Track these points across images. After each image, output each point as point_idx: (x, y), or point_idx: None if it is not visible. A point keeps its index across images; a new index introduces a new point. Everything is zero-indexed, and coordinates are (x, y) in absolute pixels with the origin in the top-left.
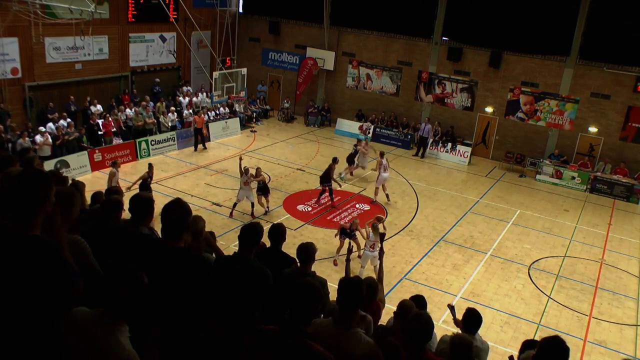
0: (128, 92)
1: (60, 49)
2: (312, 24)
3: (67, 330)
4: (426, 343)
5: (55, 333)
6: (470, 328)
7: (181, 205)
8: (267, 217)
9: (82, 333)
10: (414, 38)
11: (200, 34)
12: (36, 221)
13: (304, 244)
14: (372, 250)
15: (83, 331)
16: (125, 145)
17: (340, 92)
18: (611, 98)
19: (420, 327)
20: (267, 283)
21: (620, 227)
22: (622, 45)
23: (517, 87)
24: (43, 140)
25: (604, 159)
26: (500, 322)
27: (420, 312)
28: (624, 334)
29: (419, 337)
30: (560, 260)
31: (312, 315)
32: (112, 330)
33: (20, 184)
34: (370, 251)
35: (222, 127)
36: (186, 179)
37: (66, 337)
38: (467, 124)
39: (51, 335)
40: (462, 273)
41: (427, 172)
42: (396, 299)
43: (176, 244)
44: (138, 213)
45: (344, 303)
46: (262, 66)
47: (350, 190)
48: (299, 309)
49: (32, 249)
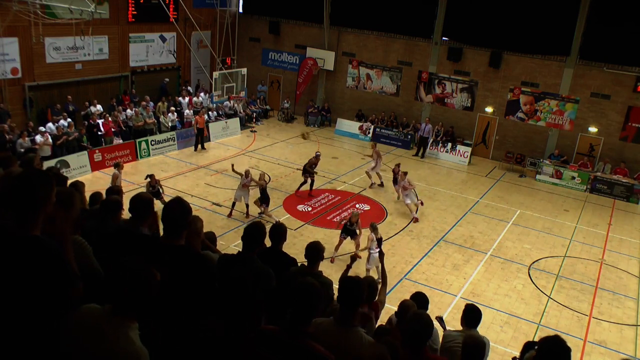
0: (129, 92)
1: (60, 49)
2: (312, 24)
3: (75, 327)
4: (426, 342)
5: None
6: (470, 323)
7: (181, 203)
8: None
9: (91, 329)
10: (414, 38)
11: (200, 34)
12: (36, 221)
13: (312, 243)
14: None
15: (92, 327)
16: (125, 145)
17: (340, 92)
18: (611, 98)
19: (419, 326)
20: (270, 283)
21: (620, 227)
22: (622, 45)
23: (517, 87)
24: (43, 140)
25: (603, 159)
26: (500, 322)
27: (419, 311)
28: (624, 334)
29: (418, 337)
30: (560, 260)
31: (313, 315)
32: (122, 326)
33: (20, 184)
34: (375, 252)
35: (222, 127)
36: (186, 179)
37: (75, 333)
38: (467, 124)
39: (51, 335)
40: (462, 273)
41: (427, 172)
42: (396, 299)
43: (177, 242)
44: (138, 213)
45: (344, 301)
46: (262, 66)
47: (350, 190)
48: (299, 309)
49: (32, 249)
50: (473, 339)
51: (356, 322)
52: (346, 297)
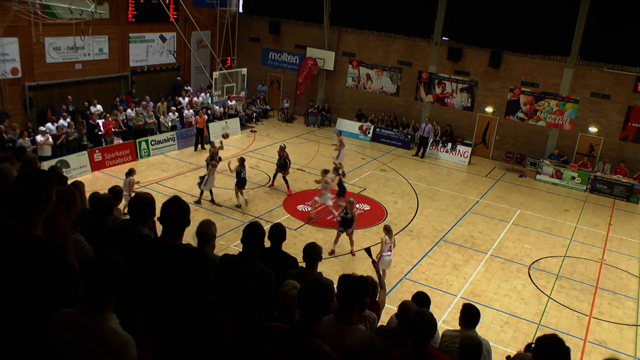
0: (134, 91)
1: (60, 49)
2: (312, 24)
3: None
4: (430, 340)
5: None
6: (468, 324)
7: (179, 203)
8: (267, 216)
9: (74, 331)
10: (414, 38)
11: (200, 34)
12: (38, 221)
13: (309, 244)
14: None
15: (74, 329)
16: (125, 145)
17: (340, 92)
18: (611, 98)
19: (422, 325)
20: (270, 284)
21: (620, 227)
22: (622, 45)
23: (517, 87)
24: (43, 140)
25: (603, 158)
26: (500, 322)
27: (422, 310)
28: (624, 334)
29: (421, 336)
30: (560, 260)
31: (323, 315)
32: (102, 319)
33: (24, 184)
34: (388, 255)
35: (222, 127)
36: (186, 179)
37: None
38: (467, 124)
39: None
40: (462, 273)
41: (427, 172)
42: (396, 299)
43: (175, 242)
44: (137, 214)
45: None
46: (262, 66)
47: (350, 191)
48: (311, 308)
49: (34, 249)
50: (470, 339)
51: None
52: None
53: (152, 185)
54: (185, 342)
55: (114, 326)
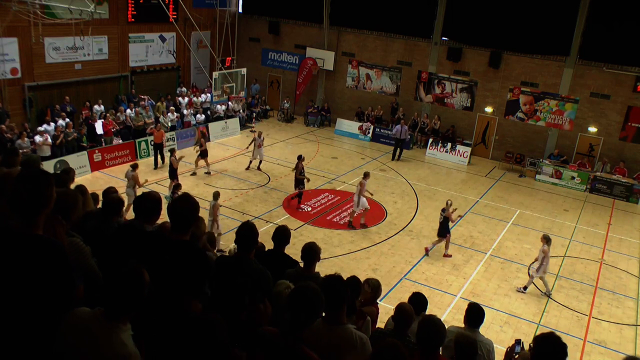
0: (133, 92)
1: (60, 49)
2: (312, 24)
3: (68, 331)
4: (438, 348)
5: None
6: (472, 323)
7: (189, 200)
8: (266, 216)
9: (84, 333)
10: (414, 38)
11: (200, 34)
12: (39, 221)
13: (307, 244)
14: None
15: (84, 331)
16: (125, 145)
17: (340, 92)
18: (611, 98)
19: (431, 331)
20: (267, 284)
21: (620, 227)
22: (622, 45)
23: (517, 87)
24: (43, 140)
25: (603, 158)
26: (500, 322)
27: (431, 316)
28: (623, 333)
29: (431, 341)
30: (560, 260)
31: (312, 321)
32: (114, 329)
33: (25, 184)
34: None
35: (222, 127)
36: (186, 179)
37: (67, 337)
38: (466, 124)
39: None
40: (462, 273)
41: (427, 172)
42: (396, 299)
43: (183, 237)
44: (146, 212)
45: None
46: (262, 66)
47: (350, 191)
48: (300, 314)
49: (38, 248)
50: (465, 337)
51: (345, 320)
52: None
53: (151, 185)
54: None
55: (123, 337)
